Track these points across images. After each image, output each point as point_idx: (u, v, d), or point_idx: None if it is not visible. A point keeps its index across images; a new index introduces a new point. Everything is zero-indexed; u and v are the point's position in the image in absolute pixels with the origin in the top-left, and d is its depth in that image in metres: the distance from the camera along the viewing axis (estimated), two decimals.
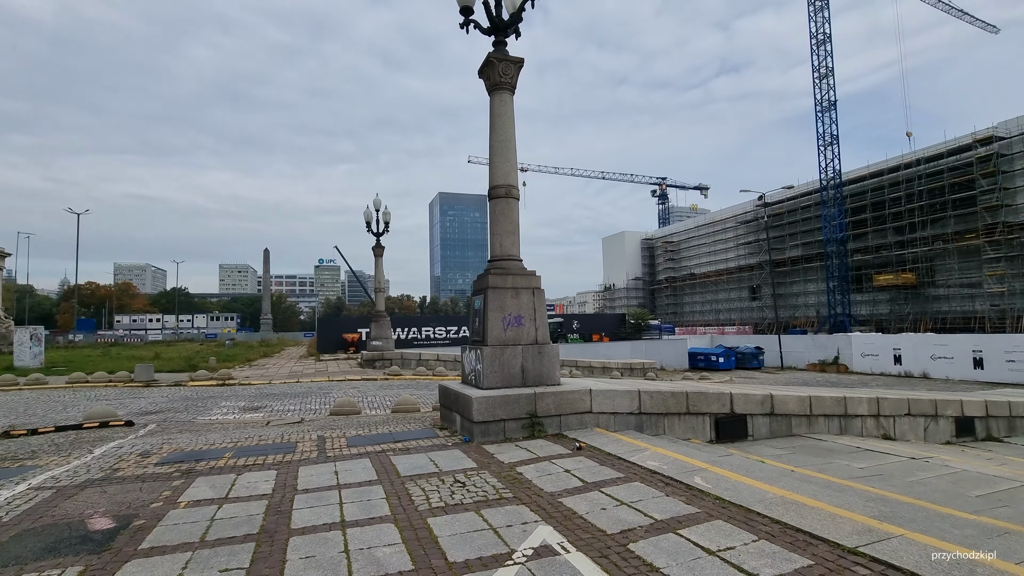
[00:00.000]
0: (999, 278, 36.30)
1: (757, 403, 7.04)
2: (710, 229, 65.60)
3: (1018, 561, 2.85)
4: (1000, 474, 5.53)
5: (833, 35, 42.74)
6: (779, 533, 3.10)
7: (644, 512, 3.45)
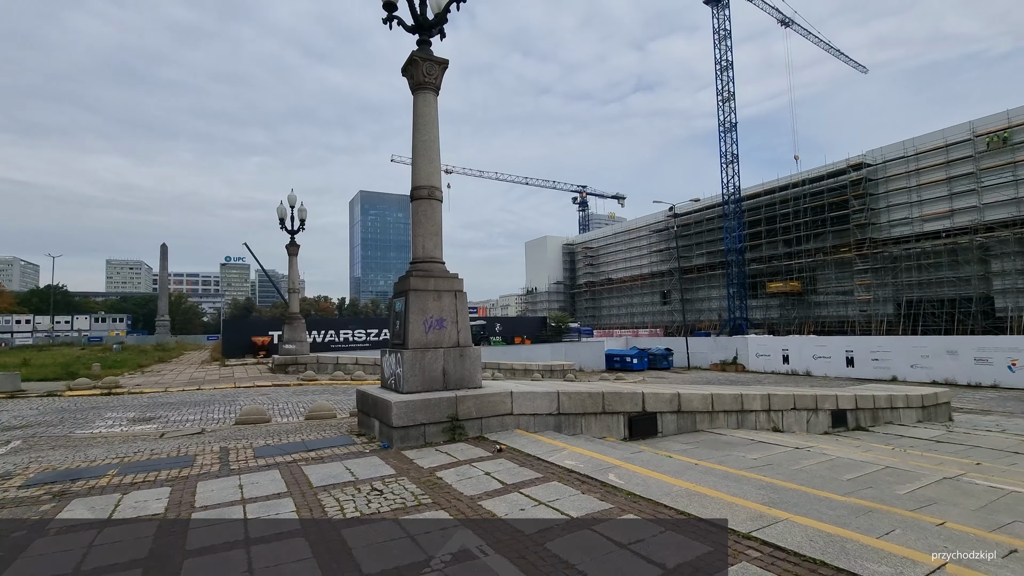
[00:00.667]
0: (866, 287, 41.44)
1: (666, 401, 7.49)
2: (626, 237, 68.91)
3: (878, 535, 3.26)
4: (866, 459, 6.29)
5: (734, 63, 46.72)
6: (683, 523, 3.32)
7: (561, 511, 3.55)
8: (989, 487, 5.10)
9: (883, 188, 40.93)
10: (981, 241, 35.15)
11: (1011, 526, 3.94)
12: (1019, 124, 33.78)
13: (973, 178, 35.66)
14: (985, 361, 20.14)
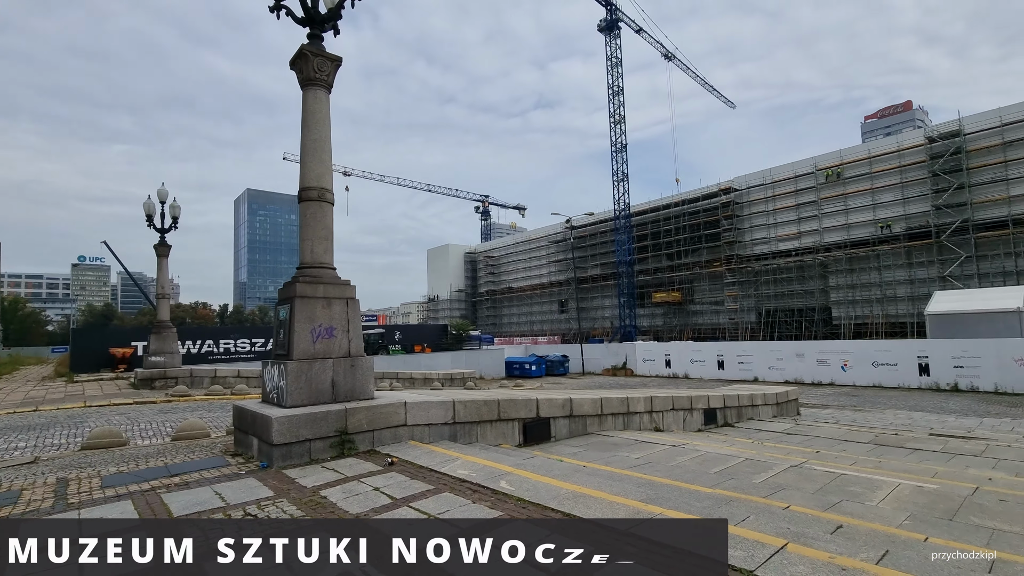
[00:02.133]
0: (734, 298, 46.53)
1: (559, 407, 7.76)
2: (526, 247, 70.82)
3: (737, 523, 3.63)
4: (730, 453, 7.00)
5: (625, 89, 50.33)
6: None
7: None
8: (825, 472, 5.91)
9: (747, 211, 46.35)
10: (822, 260, 41.09)
11: (839, 505, 4.60)
12: (849, 162, 40.16)
13: (815, 206, 41.66)
14: (825, 362, 23.49)
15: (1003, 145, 33.30)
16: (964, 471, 6.77)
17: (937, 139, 35.77)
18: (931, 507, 4.59)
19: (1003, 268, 32.93)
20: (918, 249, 36.52)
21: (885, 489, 5.13)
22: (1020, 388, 18.05)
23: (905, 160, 37.43)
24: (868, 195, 39.04)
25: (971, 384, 19.19)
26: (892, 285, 37.67)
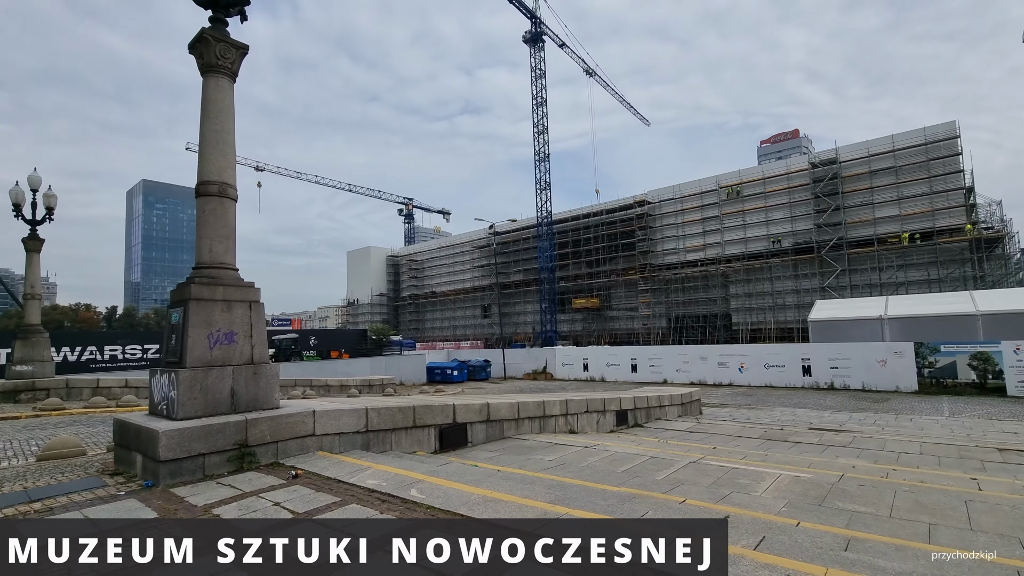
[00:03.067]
0: (647, 304, 49.21)
1: (476, 411, 7.77)
2: (450, 251, 70.44)
3: (637, 517, 3.83)
4: (637, 452, 7.37)
5: (549, 101, 51.82)
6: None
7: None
8: (719, 466, 6.39)
9: (659, 223, 49.32)
10: (723, 270, 44.62)
11: (729, 496, 4.99)
12: (747, 181, 44.07)
13: (718, 220, 45.21)
14: (725, 365, 25.46)
15: (870, 173, 38.15)
16: (834, 460, 7.61)
17: (818, 165, 40.28)
18: (805, 494, 5.12)
19: (870, 280, 37.62)
20: (803, 262, 40.76)
21: (768, 480, 5.64)
22: (881, 386, 20.67)
23: (793, 182, 41.73)
24: (762, 212, 43.02)
25: (844, 383, 21.69)
26: (782, 294, 41.71)
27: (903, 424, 12.58)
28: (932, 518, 4.40)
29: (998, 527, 4.18)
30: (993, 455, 8.17)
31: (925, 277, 35.69)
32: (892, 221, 37.28)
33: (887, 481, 5.76)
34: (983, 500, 5.01)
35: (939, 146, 35.50)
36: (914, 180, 36.42)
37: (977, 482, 6.05)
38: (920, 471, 6.88)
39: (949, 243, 34.97)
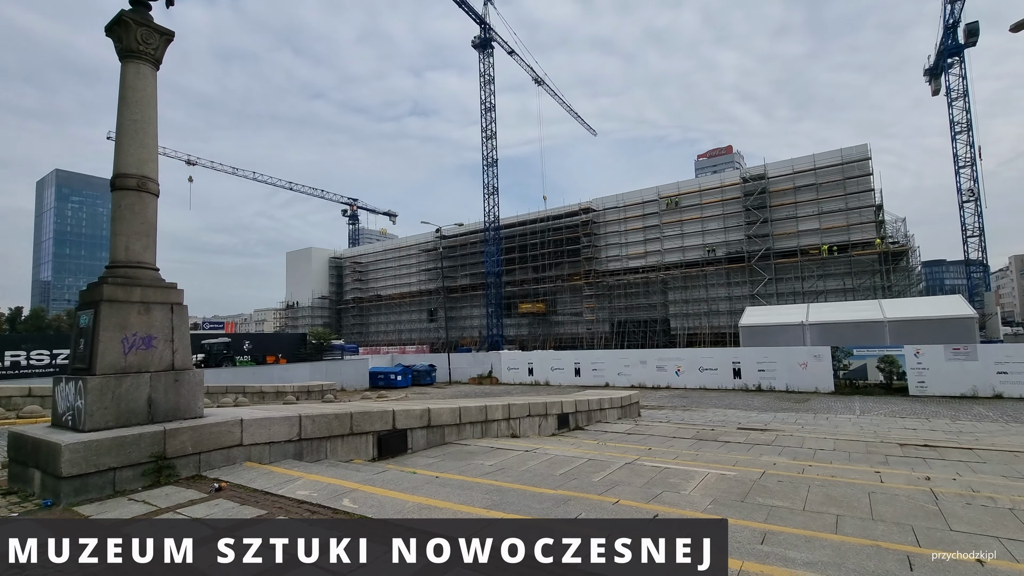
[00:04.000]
0: (591, 309, 50.38)
1: (417, 417, 7.65)
2: (396, 254, 69.16)
3: (571, 518, 3.91)
4: (577, 455, 7.51)
5: (498, 107, 52.14)
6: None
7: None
8: (652, 466, 6.62)
9: (604, 230, 50.69)
10: (663, 277, 46.42)
11: (660, 495, 5.18)
12: (685, 193, 46.16)
13: (658, 229, 47.05)
14: (663, 368, 26.47)
15: (794, 189, 40.97)
16: (758, 458, 8.08)
17: (748, 180, 42.84)
18: (729, 491, 5.40)
19: (794, 289, 40.30)
20: (735, 271, 43.11)
21: (697, 479, 5.91)
22: (803, 387, 22.19)
23: (726, 195, 44.11)
24: (699, 222, 45.18)
25: (770, 385, 23.10)
26: (716, 301, 43.88)
27: (820, 423, 13.54)
28: (840, 510, 4.76)
29: (895, 516, 4.58)
30: (895, 450, 8.95)
31: (841, 286, 38.67)
32: (813, 234, 40.18)
33: (803, 477, 6.18)
34: (884, 492, 5.47)
35: (853, 166, 38.73)
36: (832, 197, 39.49)
37: (880, 475, 6.60)
38: (832, 466, 7.42)
39: (862, 255, 38.12)
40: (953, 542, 3.88)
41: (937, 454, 8.53)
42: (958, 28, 46.10)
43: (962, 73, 47.17)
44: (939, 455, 8.47)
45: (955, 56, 47.22)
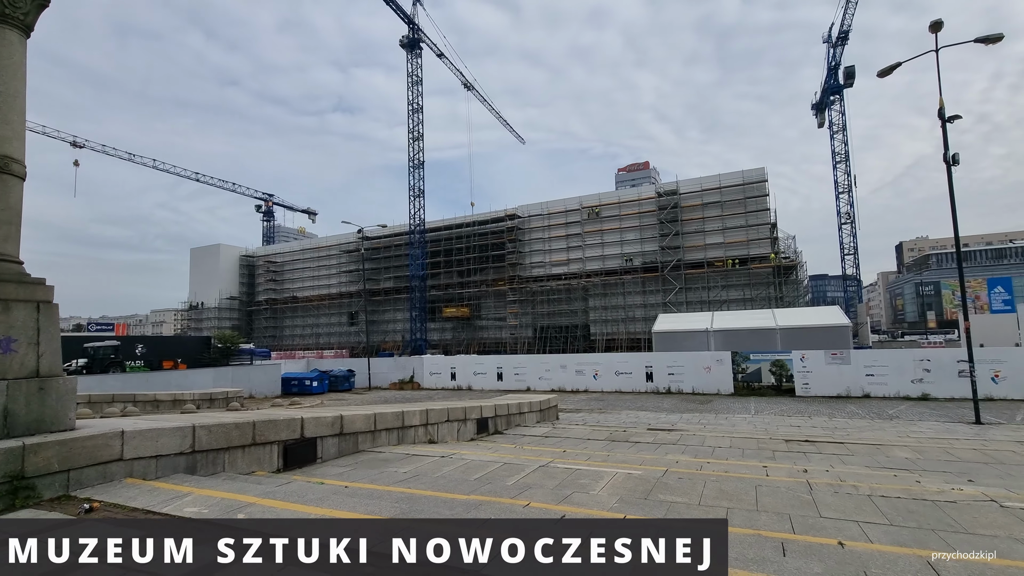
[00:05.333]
0: (515, 314, 51.03)
1: (328, 425, 7.32)
2: (315, 254, 66.04)
3: (482, 519, 3.91)
4: (493, 459, 7.55)
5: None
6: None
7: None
8: (565, 468, 6.80)
9: (528, 236, 51.64)
10: (584, 284, 48.07)
11: (570, 496, 5.33)
12: (606, 204, 48.22)
13: (580, 238, 48.72)
14: (582, 372, 27.34)
15: (702, 205, 44.18)
16: (664, 457, 8.56)
17: (663, 195, 45.62)
18: (634, 490, 5.66)
19: (701, 298, 43.33)
20: (650, 280, 45.60)
21: (606, 479, 6.15)
22: (707, 389, 23.86)
23: (643, 208, 46.63)
24: (618, 233, 47.34)
25: (679, 387, 24.61)
26: (632, 308, 46.12)
27: (720, 422, 14.61)
28: (730, 503, 5.15)
29: (776, 506, 5.03)
30: (781, 446, 9.85)
31: (742, 296, 42.13)
32: (718, 247, 43.50)
33: (700, 473, 6.63)
34: (769, 484, 6.00)
35: (752, 187, 42.51)
36: (734, 214, 43.05)
37: (766, 469, 7.24)
38: (727, 462, 8.04)
39: (759, 268, 41.83)
40: (821, 528, 4.34)
41: (815, 448, 9.50)
42: (839, 70, 52.17)
43: (842, 110, 53.44)
44: (817, 449, 9.44)
45: (836, 95, 53.39)
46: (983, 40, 12.90)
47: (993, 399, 18.34)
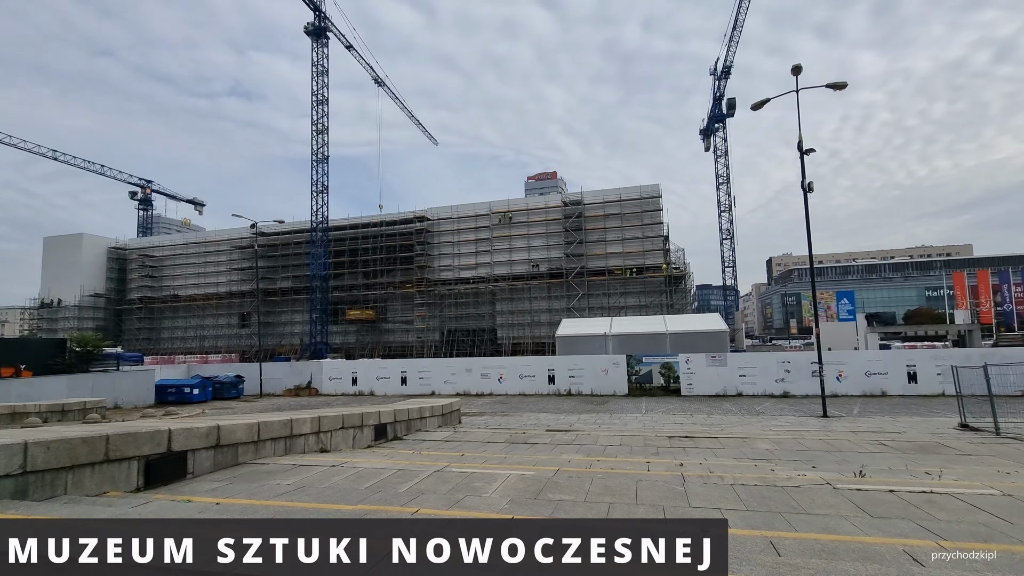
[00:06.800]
0: (422, 318, 50.24)
1: (202, 436, 6.69)
2: (203, 249, 60.22)
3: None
4: (387, 466, 7.34)
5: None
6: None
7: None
8: (460, 472, 6.80)
9: (437, 239, 51.19)
10: (492, 288, 48.56)
11: (463, 500, 5.34)
12: (515, 210, 49.18)
13: (489, 243, 49.21)
14: (487, 376, 27.54)
15: (604, 216, 46.64)
16: (558, 457, 8.86)
17: (568, 204, 47.52)
18: (526, 490, 5.80)
19: (602, 304, 45.63)
20: (555, 285, 47.17)
21: (499, 480, 6.24)
22: (604, 391, 25.14)
23: (550, 216, 48.21)
24: (526, 239, 48.49)
25: (578, 389, 25.66)
26: (538, 312, 47.39)
27: (614, 422, 15.45)
28: (613, 498, 5.46)
29: (652, 499, 5.41)
30: (664, 442, 10.62)
31: (637, 303, 45.00)
32: (618, 256, 46.14)
33: (589, 471, 6.95)
34: (649, 479, 6.44)
35: (649, 201, 45.72)
36: (632, 226, 45.99)
37: (648, 464, 7.77)
38: (616, 459, 8.51)
39: (652, 277, 44.98)
40: (688, 515, 4.75)
41: (693, 444, 10.36)
42: (723, 101, 57.83)
43: (725, 136, 59.27)
44: (694, 444, 10.30)
45: (720, 123, 59.11)
46: (832, 86, 14.99)
47: (838, 395, 21.23)
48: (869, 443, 10.10)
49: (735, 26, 52.43)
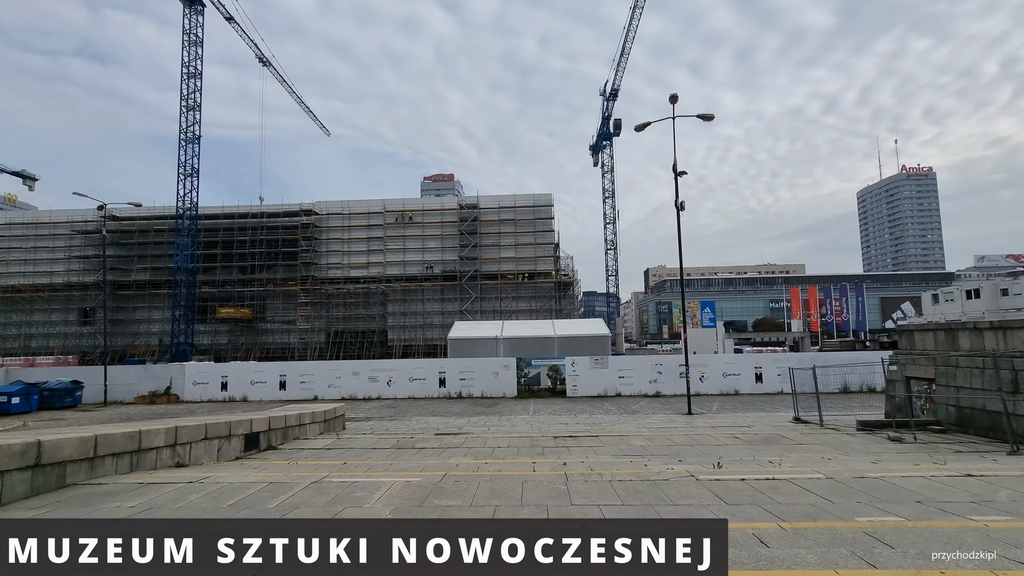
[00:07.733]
0: (307, 318, 47.09)
1: (15, 455, 5.58)
2: (33, 231, 50.76)
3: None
4: (256, 480, 6.68)
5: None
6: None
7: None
8: (341, 482, 6.41)
9: (326, 236, 48.41)
10: (383, 289, 47.00)
11: (343, 512, 5.03)
12: (410, 210, 48.18)
13: (382, 242, 47.64)
14: (375, 379, 26.51)
15: (499, 221, 47.52)
16: (446, 461, 8.75)
17: (464, 207, 47.72)
18: (410, 498, 5.62)
19: (495, 308, 46.27)
20: (448, 288, 46.94)
21: (383, 489, 5.98)
22: (495, 393, 25.46)
23: (445, 218, 47.96)
24: (420, 240, 47.69)
25: (469, 392, 25.69)
26: (431, 315, 46.77)
27: (503, 423, 15.67)
28: (499, 500, 5.48)
29: (537, 499, 5.53)
30: (550, 442, 10.98)
31: (528, 307, 46.33)
32: (511, 261, 47.18)
33: (476, 475, 6.94)
34: (534, 480, 6.58)
35: (541, 210, 47.43)
36: (525, 232, 47.38)
37: (534, 464, 7.96)
38: (503, 461, 8.61)
39: (543, 283, 46.66)
40: (570, 513, 4.92)
41: (576, 443, 10.84)
42: (610, 121, 61.89)
43: (611, 154, 63.41)
44: (577, 443, 10.78)
45: (607, 141, 63.17)
46: (702, 117, 16.74)
47: (700, 395, 23.62)
48: (725, 437, 11.33)
49: (623, 53, 56.37)
